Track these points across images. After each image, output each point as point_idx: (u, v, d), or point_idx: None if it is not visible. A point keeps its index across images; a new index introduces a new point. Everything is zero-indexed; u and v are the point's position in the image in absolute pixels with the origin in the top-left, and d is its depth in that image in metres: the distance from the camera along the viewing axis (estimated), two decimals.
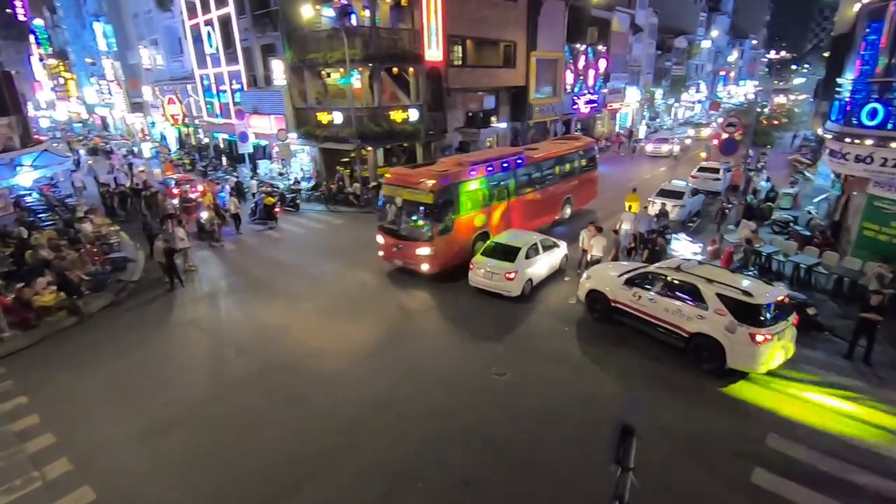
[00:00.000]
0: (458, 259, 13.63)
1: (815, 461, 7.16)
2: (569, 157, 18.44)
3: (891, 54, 11.98)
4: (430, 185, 12.71)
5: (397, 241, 13.58)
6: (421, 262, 13.19)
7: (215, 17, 27.60)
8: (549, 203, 17.42)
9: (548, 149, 18.20)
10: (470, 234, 14.11)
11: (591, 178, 20.01)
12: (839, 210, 15.16)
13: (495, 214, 14.93)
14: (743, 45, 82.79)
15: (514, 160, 15.52)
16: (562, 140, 20.45)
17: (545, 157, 17.30)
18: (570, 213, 18.76)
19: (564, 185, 18.23)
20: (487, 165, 14.44)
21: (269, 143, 27.24)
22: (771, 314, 8.71)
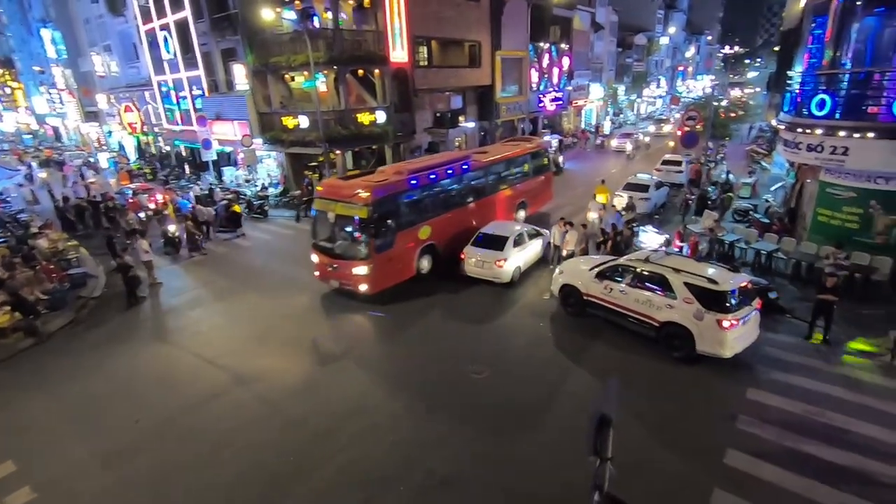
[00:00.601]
0: (402, 276, 12.80)
1: (784, 440, 7.45)
2: (520, 160, 17.75)
3: (835, 47, 12.56)
4: (365, 197, 11.60)
5: (332, 260, 12.38)
6: (358, 283, 12.01)
7: (172, 22, 26.77)
8: (500, 209, 16.54)
9: (497, 152, 17.29)
10: (414, 249, 13.03)
11: (545, 181, 19.43)
12: (795, 197, 15.81)
13: (442, 225, 13.78)
14: (699, 41, 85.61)
15: (459, 166, 14.52)
16: (513, 142, 19.71)
17: (494, 161, 16.37)
18: (524, 218, 17.85)
19: (517, 189, 17.46)
20: (430, 173, 13.40)
21: (233, 150, 26.62)
22: (736, 300, 9.02)
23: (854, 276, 11.63)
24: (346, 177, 14.30)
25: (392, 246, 12.29)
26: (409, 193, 12.89)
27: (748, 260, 13.98)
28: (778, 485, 6.63)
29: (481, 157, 16.11)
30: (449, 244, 14.17)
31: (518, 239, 13.36)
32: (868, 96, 11.89)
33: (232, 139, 24.90)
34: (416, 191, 13.04)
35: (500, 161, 16.66)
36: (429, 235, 13.41)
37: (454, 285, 13.50)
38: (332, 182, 13.68)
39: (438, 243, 13.76)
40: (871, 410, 8.02)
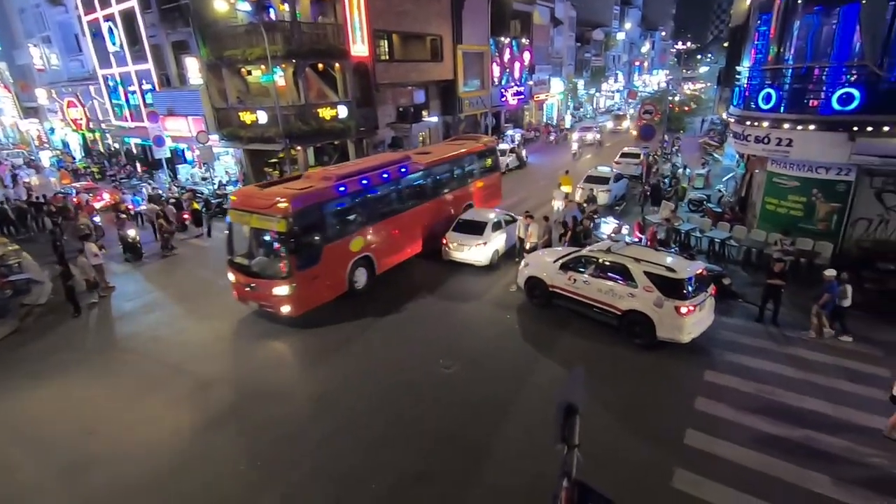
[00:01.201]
0: (332, 293, 11.75)
1: (739, 418, 7.83)
2: (466, 160, 16.67)
3: (779, 44, 13.18)
4: (283, 208, 10.35)
5: (249, 279, 11.08)
6: (279, 304, 10.84)
7: (117, 12, 25.45)
8: (444, 213, 15.38)
9: (441, 152, 16.10)
10: (345, 263, 11.96)
11: (494, 181, 18.47)
12: (745, 187, 16.57)
13: (378, 234, 12.86)
14: (653, 36, 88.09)
15: (396, 169, 13.42)
16: (459, 141, 18.50)
17: (436, 162, 15.17)
18: None
19: (463, 191, 16.43)
20: (362, 178, 12.30)
21: (188, 147, 25.63)
22: (692, 287, 9.39)
23: (799, 261, 12.31)
24: (264, 184, 12.67)
25: (318, 261, 11.12)
26: (338, 202, 11.74)
27: (703, 248, 14.57)
28: (735, 461, 6.96)
29: (422, 158, 14.95)
30: (387, 255, 13.30)
31: (496, 224, 14.19)
32: (809, 90, 12.55)
33: (186, 136, 23.95)
34: (345, 198, 11.88)
35: (443, 162, 15.49)
36: (362, 247, 12.36)
37: (423, 280, 13.50)
38: (247, 191, 12.26)
39: (375, 255, 12.79)
40: (815, 386, 8.53)
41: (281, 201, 10.50)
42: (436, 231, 14.80)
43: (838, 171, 12.07)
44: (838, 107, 11.39)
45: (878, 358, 9.30)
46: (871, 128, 11.05)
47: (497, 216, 14.54)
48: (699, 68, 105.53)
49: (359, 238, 12.30)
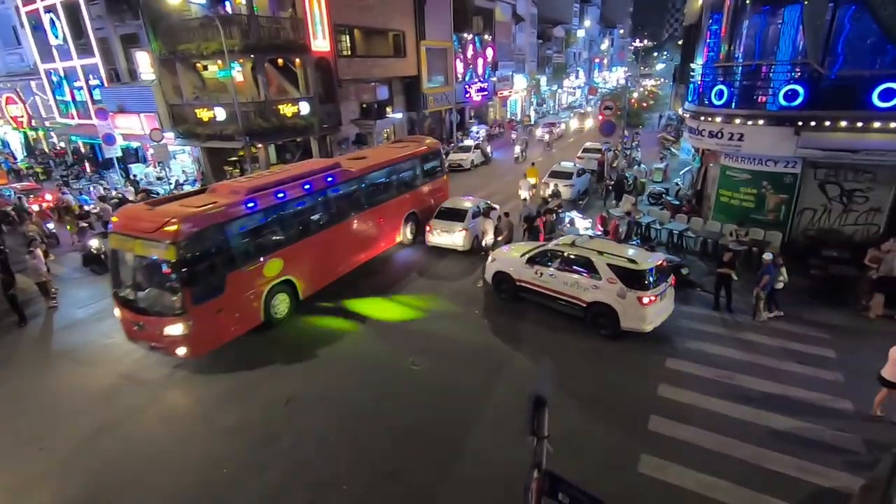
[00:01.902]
0: (242, 327, 10.10)
1: (700, 403, 8.14)
2: (406, 165, 15.43)
3: (730, 42, 13.73)
4: (171, 232, 8.61)
5: (136, 316, 9.28)
6: (173, 346, 9.08)
7: (58, 3, 24.07)
8: (383, 225, 14.20)
9: (378, 157, 14.74)
10: (259, 290, 10.37)
11: (440, 186, 17.24)
12: (700, 180, 17.22)
13: (301, 254, 11.32)
14: (612, 34, 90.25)
15: (322, 178, 11.99)
16: (400, 143, 17.37)
17: (371, 169, 13.78)
18: (415, 233, 15.81)
19: (405, 199, 15.16)
20: (278, 192, 10.72)
21: (141, 145, 24.55)
22: (653, 278, 9.69)
23: (752, 250, 12.89)
24: (155, 201, 10.81)
25: (221, 292, 9.44)
26: (246, 220, 10.07)
27: (662, 240, 15.06)
28: (697, 444, 7.24)
29: (355, 164, 13.56)
30: (314, 277, 11.81)
31: (475, 212, 14.91)
32: (758, 87, 13.14)
33: (139, 134, 22.94)
34: (256, 216, 10.25)
35: (380, 168, 14.17)
36: (281, 270, 10.80)
37: (391, 278, 13.42)
38: (131, 211, 10.22)
39: (298, 278, 11.28)
40: (768, 369, 8.97)
41: (169, 224, 8.72)
42: (374, 244, 13.86)
43: (785, 163, 12.68)
44: (784, 103, 11.97)
45: (825, 340, 9.86)
46: (814, 122, 11.67)
47: (477, 204, 15.41)
48: (656, 65, 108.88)
49: (276, 260, 10.66)
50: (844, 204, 12.53)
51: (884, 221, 12.11)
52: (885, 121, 10.83)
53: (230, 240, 9.74)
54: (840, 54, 11.78)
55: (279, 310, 11.00)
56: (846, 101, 11.37)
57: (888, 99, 10.69)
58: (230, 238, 9.74)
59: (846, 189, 12.42)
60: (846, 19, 11.45)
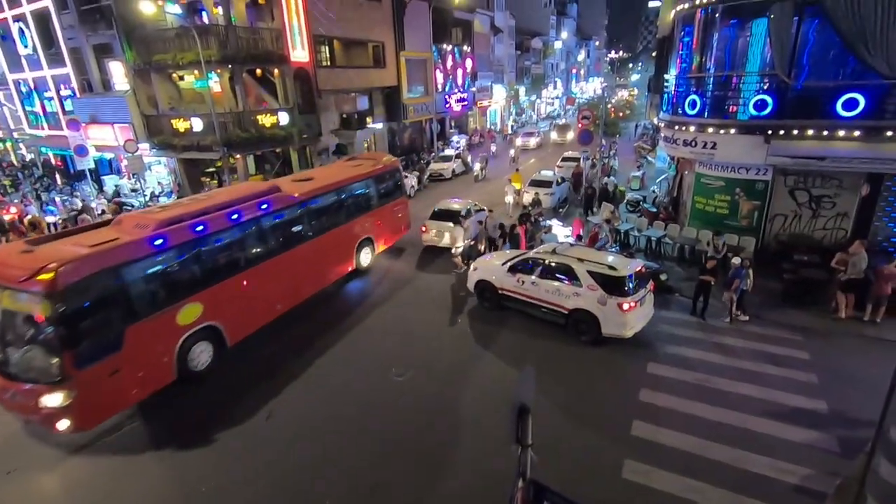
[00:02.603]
0: (149, 387, 8.42)
1: (680, 407, 8.24)
2: (361, 186, 14.11)
3: (701, 54, 14.13)
4: (47, 281, 6.94)
5: (7, 383, 7.51)
6: (54, 420, 7.31)
7: (28, 12, 23.54)
8: (331, 254, 12.92)
9: (326, 178, 13.35)
10: (170, 342, 8.72)
11: (398, 208, 15.96)
12: (676, 188, 17.59)
13: (227, 295, 9.71)
14: (588, 45, 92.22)
15: (253, 206, 10.41)
16: (354, 162, 15.79)
17: (316, 193, 12.33)
18: (370, 259, 14.59)
19: (358, 224, 13.84)
20: (196, 224, 9.12)
21: (115, 157, 24.02)
22: (633, 284, 9.82)
23: (727, 255, 13.17)
24: (39, 239, 9.12)
25: (117, 349, 7.79)
26: (153, 260, 8.40)
27: (641, 246, 15.31)
28: (679, 448, 7.31)
29: (297, 188, 12.11)
30: (244, 319, 10.23)
31: (467, 213, 15.62)
32: (729, 97, 13.52)
33: (112, 145, 22.43)
34: (166, 254, 8.62)
35: (328, 191, 12.81)
36: (200, 316, 9.16)
37: (374, 289, 13.33)
38: (3, 253, 8.34)
39: (224, 322, 9.64)
40: (746, 372, 9.14)
41: (44, 271, 6.97)
42: (320, 276, 12.65)
43: (757, 171, 13.05)
44: (754, 112, 12.35)
45: (798, 342, 10.11)
46: (783, 131, 12.05)
47: (469, 205, 16.18)
48: (631, 76, 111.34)
49: (193, 305, 9.07)
50: (813, 209, 12.92)
51: (850, 226, 12.52)
52: (848, 129, 11.24)
53: (130, 285, 8.04)
54: (805, 66, 12.21)
55: (200, 361, 9.30)
56: (812, 110, 11.78)
57: (851, 108, 11.12)
58: (130, 283, 8.04)
59: (814, 195, 12.82)
60: (810, 32, 11.89)
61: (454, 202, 16.58)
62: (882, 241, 12.16)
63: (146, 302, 8.34)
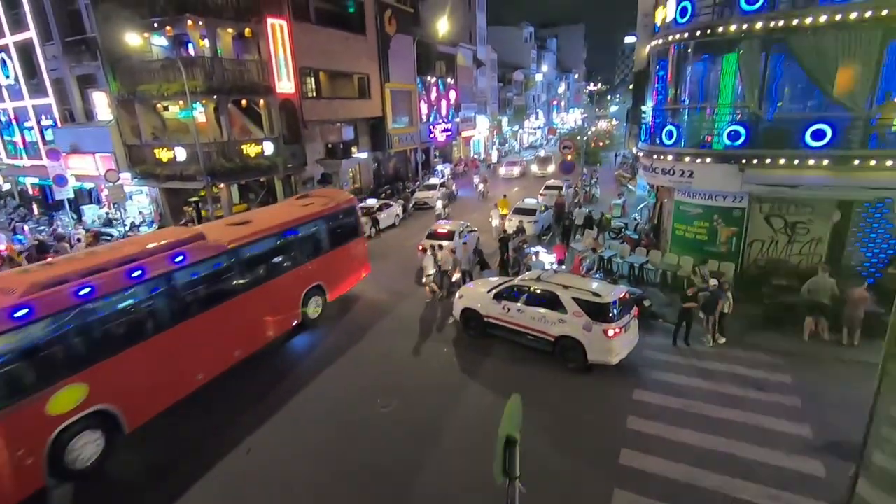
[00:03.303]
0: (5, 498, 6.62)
1: (668, 434, 8.20)
2: (309, 228, 12.58)
3: (676, 86, 14.70)
4: None
5: None
6: None
7: (11, 43, 23.57)
8: (270, 308, 11.13)
9: (268, 220, 11.67)
10: (37, 438, 6.90)
11: (355, 250, 14.38)
12: (657, 215, 17.95)
13: (124, 370, 7.97)
14: (568, 78, 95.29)
15: (162, 261, 8.66)
16: (305, 200, 14.00)
17: (253, 238, 10.69)
18: (320, 310, 12.84)
19: (305, 271, 12.24)
20: (80, 287, 7.41)
21: (96, 186, 23.75)
22: (617, 310, 9.89)
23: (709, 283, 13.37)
24: None
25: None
26: (15, 338, 6.67)
27: (624, 273, 15.48)
28: (668, 477, 7.23)
29: (230, 233, 10.43)
30: (150, 398, 8.39)
31: (461, 232, 16.85)
32: (704, 127, 14.02)
33: (93, 174, 22.22)
34: (35, 328, 6.89)
35: (266, 236, 11.08)
36: (84, 400, 7.37)
37: (356, 319, 13.18)
38: None
39: (119, 404, 7.85)
40: (730, 397, 9.17)
41: None
42: (254, 336, 10.73)
43: (734, 198, 13.41)
44: (728, 142, 12.79)
45: (780, 366, 10.21)
46: (756, 160, 12.47)
47: (461, 226, 17.48)
48: (610, 107, 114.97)
49: (74, 387, 7.27)
50: (789, 235, 13.28)
51: (825, 251, 12.87)
52: (818, 158, 11.69)
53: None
54: (775, 98, 12.78)
55: (82, 455, 7.41)
56: (783, 140, 12.25)
57: (819, 138, 11.58)
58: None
59: (789, 221, 13.20)
60: (777, 67, 12.49)
61: (447, 224, 17.86)
62: (856, 266, 12.50)
63: (5, 387, 6.51)
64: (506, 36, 62.93)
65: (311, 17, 23.55)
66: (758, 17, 11.76)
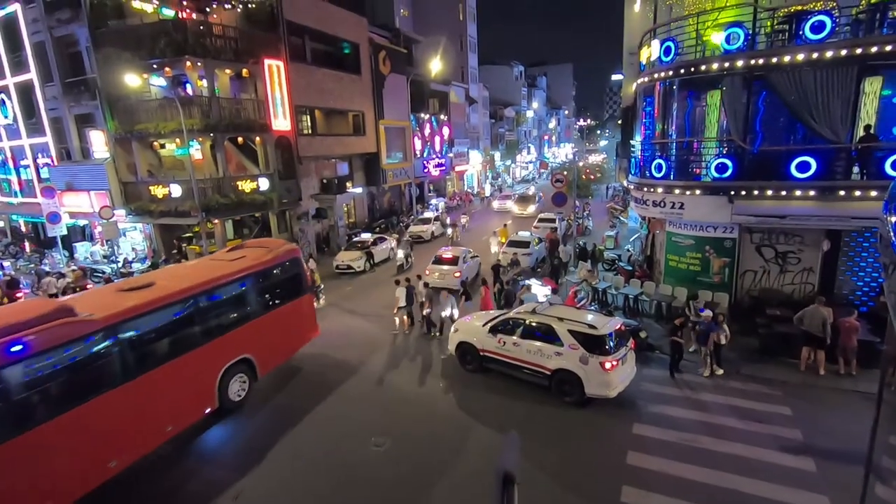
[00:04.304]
0: None
1: (668, 469, 8.01)
2: (233, 288, 10.28)
3: (663, 121, 15.11)
4: None
5: None
6: None
7: (11, 84, 23.95)
8: (168, 396, 8.64)
9: (178, 281, 9.39)
10: None
11: (299, 310, 12.03)
12: (649, 246, 18.10)
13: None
14: (558, 114, 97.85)
15: None
16: (236, 253, 11.55)
17: (145, 309, 8.34)
18: (246, 391, 10.42)
19: (225, 343, 9.85)
20: None
21: (89, 223, 23.71)
22: (613, 342, 9.82)
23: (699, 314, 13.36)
24: None
25: None
26: None
27: (619, 304, 15.46)
28: None
29: (116, 302, 8.21)
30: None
31: (464, 258, 18.28)
32: (691, 160, 14.34)
33: (87, 212, 22.22)
34: None
35: (169, 303, 8.79)
36: None
37: (350, 356, 12.99)
38: None
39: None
40: (729, 430, 9.02)
41: None
42: (142, 434, 8.26)
43: (724, 229, 13.58)
44: (716, 174, 13.05)
45: (779, 397, 10.10)
46: (744, 192, 12.71)
47: (464, 252, 18.74)
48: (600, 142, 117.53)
49: None
50: (780, 265, 13.39)
51: (817, 280, 12.96)
52: (804, 189, 11.92)
53: None
54: (759, 132, 13.13)
55: None
56: (769, 172, 12.50)
57: (804, 170, 11.85)
58: None
59: (780, 251, 13.33)
60: (760, 102, 12.91)
61: (450, 251, 18.91)
62: (848, 295, 12.58)
63: None
64: (497, 74, 64.99)
65: (308, 58, 24.21)
66: (739, 55, 12.23)
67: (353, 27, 27.58)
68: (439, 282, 17.00)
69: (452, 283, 16.80)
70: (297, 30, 23.17)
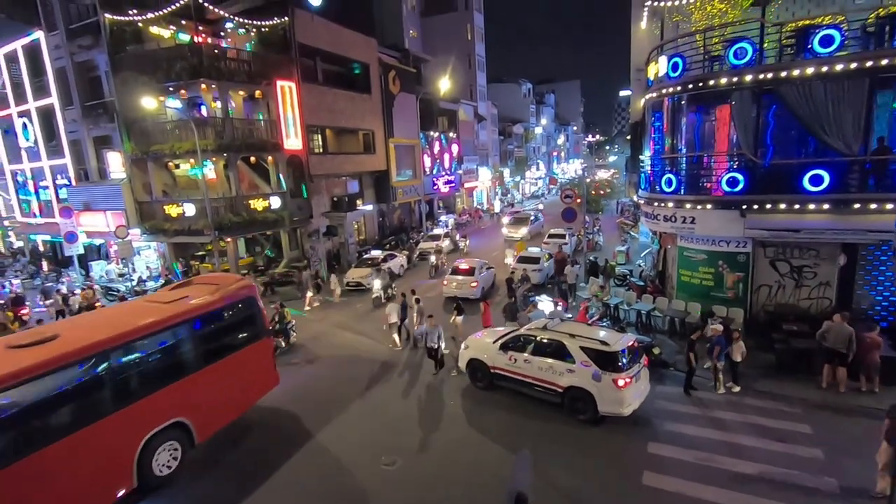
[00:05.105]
0: None
1: (685, 490, 7.79)
2: (163, 337, 8.54)
3: (673, 136, 15.09)
4: None
5: None
6: None
7: (33, 108, 24.74)
8: (73, 478, 6.98)
9: (91, 332, 7.74)
10: None
11: (252, 359, 10.20)
12: (661, 261, 17.93)
13: None
14: (567, 130, 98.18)
15: None
16: (178, 292, 9.81)
17: (33, 374, 6.64)
18: (178, 461, 8.50)
19: (149, 407, 8.08)
20: None
21: (105, 242, 24.15)
22: (626, 359, 9.67)
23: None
24: None
25: None
26: None
27: (631, 320, 15.27)
28: None
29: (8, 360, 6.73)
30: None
31: (480, 269, 18.96)
32: (702, 175, 14.26)
33: (103, 231, 22.66)
34: None
35: (70, 363, 7.11)
36: None
37: (363, 373, 12.94)
38: None
39: None
40: (748, 449, 8.77)
41: None
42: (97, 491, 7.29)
43: (737, 243, 13.43)
44: (728, 188, 12.94)
45: (798, 415, 9.83)
46: (756, 206, 12.58)
47: (480, 263, 19.35)
48: (609, 157, 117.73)
49: None
50: (796, 280, 13.16)
51: (834, 295, 12.71)
52: (818, 203, 11.77)
53: None
54: (770, 145, 13.02)
55: None
56: (782, 186, 12.37)
57: (817, 183, 11.72)
58: None
59: (795, 266, 13.12)
60: (770, 116, 12.84)
61: (467, 262, 19.47)
62: (867, 310, 12.30)
63: None
64: (505, 92, 65.62)
65: (319, 79, 24.70)
66: (747, 70, 12.23)
67: (364, 48, 28.15)
68: (457, 291, 18.05)
69: (470, 292, 17.95)
70: (309, 52, 23.70)
